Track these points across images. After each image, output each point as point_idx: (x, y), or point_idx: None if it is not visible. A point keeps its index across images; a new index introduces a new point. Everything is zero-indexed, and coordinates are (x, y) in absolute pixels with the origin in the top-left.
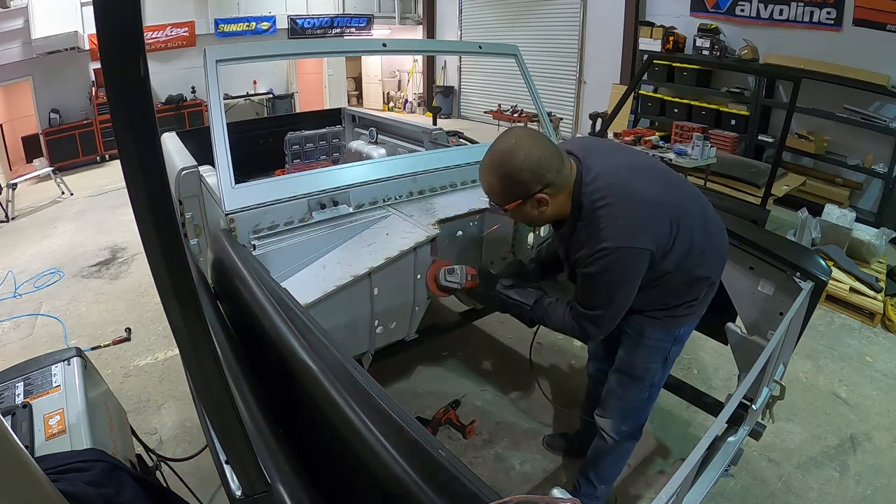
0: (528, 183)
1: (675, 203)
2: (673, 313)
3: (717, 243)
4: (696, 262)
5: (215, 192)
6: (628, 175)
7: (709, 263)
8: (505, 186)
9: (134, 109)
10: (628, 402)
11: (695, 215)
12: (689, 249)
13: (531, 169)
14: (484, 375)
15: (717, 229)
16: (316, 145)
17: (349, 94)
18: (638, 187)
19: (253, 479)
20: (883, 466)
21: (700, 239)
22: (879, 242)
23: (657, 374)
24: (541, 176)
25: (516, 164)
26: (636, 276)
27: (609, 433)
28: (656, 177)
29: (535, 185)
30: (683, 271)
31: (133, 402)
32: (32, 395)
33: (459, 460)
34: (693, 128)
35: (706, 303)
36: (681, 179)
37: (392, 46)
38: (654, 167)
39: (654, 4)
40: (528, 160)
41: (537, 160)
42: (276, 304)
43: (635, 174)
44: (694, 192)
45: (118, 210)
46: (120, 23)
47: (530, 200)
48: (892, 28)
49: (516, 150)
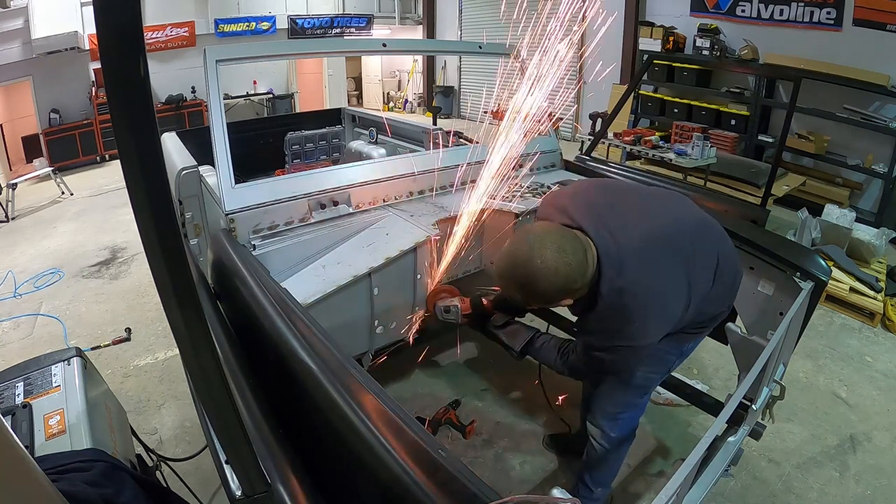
0: (553, 298)
1: (691, 279)
2: (683, 332)
3: (730, 282)
4: (707, 305)
5: (215, 192)
6: (650, 262)
7: (719, 301)
8: (529, 298)
9: (134, 109)
10: (622, 408)
11: (708, 270)
12: (699, 304)
13: (558, 289)
14: (484, 375)
15: (730, 268)
16: (316, 145)
17: (349, 94)
18: (659, 282)
19: (253, 479)
20: (883, 466)
21: (712, 289)
22: (879, 242)
23: (655, 383)
24: (568, 291)
25: (542, 286)
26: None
27: (599, 441)
28: (674, 246)
29: (560, 298)
30: (693, 315)
31: (133, 402)
32: (32, 395)
33: (459, 460)
34: (693, 128)
35: (717, 322)
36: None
37: (392, 46)
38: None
39: (654, 4)
40: (555, 283)
41: (564, 281)
42: (276, 304)
43: (654, 255)
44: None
45: (118, 210)
46: (120, 23)
47: (565, 298)
48: (892, 28)
49: (541, 270)
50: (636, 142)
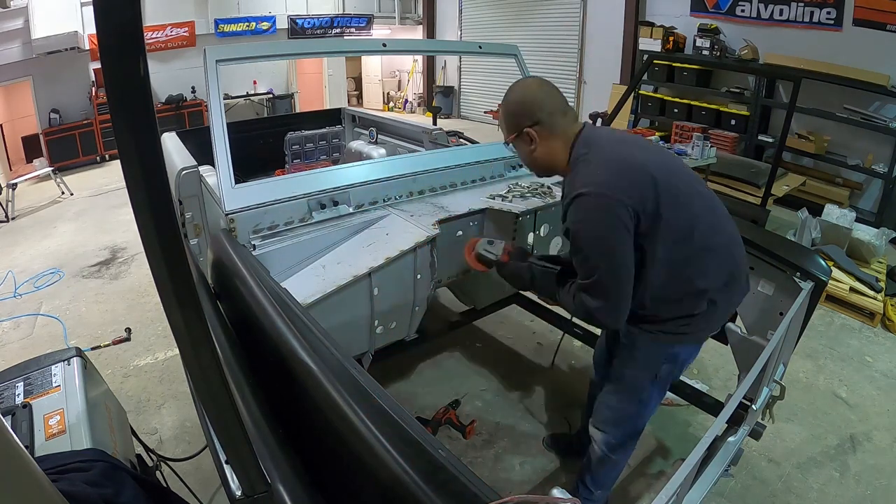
0: (519, 116)
1: (666, 179)
2: (665, 328)
3: (724, 257)
4: (694, 264)
5: (215, 192)
6: (620, 143)
7: (711, 275)
8: (504, 117)
9: (134, 109)
10: (617, 413)
11: (695, 205)
12: (683, 237)
13: (524, 103)
14: (484, 375)
15: (727, 242)
16: (316, 145)
17: (349, 94)
18: (625, 151)
19: (253, 479)
20: (883, 466)
21: (700, 235)
22: (879, 242)
23: (646, 390)
24: (531, 112)
25: (512, 97)
26: (619, 231)
27: (599, 445)
28: (659, 157)
29: (525, 120)
30: (677, 268)
31: (133, 402)
32: (32, 395)
33: (459, 460)
34: (693, 128)
35: (708, 325)
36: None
37: (392, 46)
38: (663, 154)
39: (654, 4)
40: (523, 95)
41: (532, 97)
42: (276, 304)
43: (630, 145)
44: (708, 196)
45: (118, 210)
46: (120, 23)
47: (522, 135)
48: (892, 28)
49: (519, 86)
50: None
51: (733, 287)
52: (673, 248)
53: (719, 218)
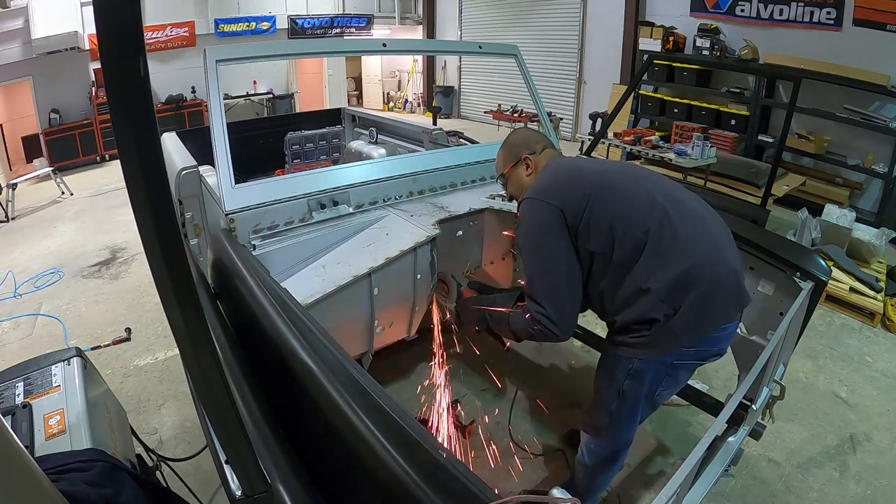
0: (517, 148)
1: (605, 180)
2: (627, 339)
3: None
4: (638, 263)
5: (215, 192)
6: (571, 161)
7: (656, 272)
8: (504, 154)
9: (134, 109)
10: (594, 420)
11: (636, 200)
12: (618, 233)
13: (519, 141)
14: (484, 375)
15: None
16: (316, 145)
17: (349, 94)
18: (564, 164)
19: (253, 479)
20: (883, 466)
21: (644, 237)
22: (879, 242)
23: (612, 403)
24: (529, 144)
25: (511, 139)
26: (549, 233)
27: (582, 449)
28: (607, 168)
29: (523, 150)
30: (621, 266)
31: (133, 402)
32: (32, 395)
33: (459, 460)
34: (693, 128)
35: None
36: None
37: (392, 46)
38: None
39: (654, 4)
40: (519, 137)
41: (525, 138)
42: (276, 304)
43: (579, 162)
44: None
45: (118, 210)
46: (120, 23)
47: (520, 163)
48: (892, 28)
49: (514, 133)
50: (636, 142)
51: (695, 290)
52: (606, 241)
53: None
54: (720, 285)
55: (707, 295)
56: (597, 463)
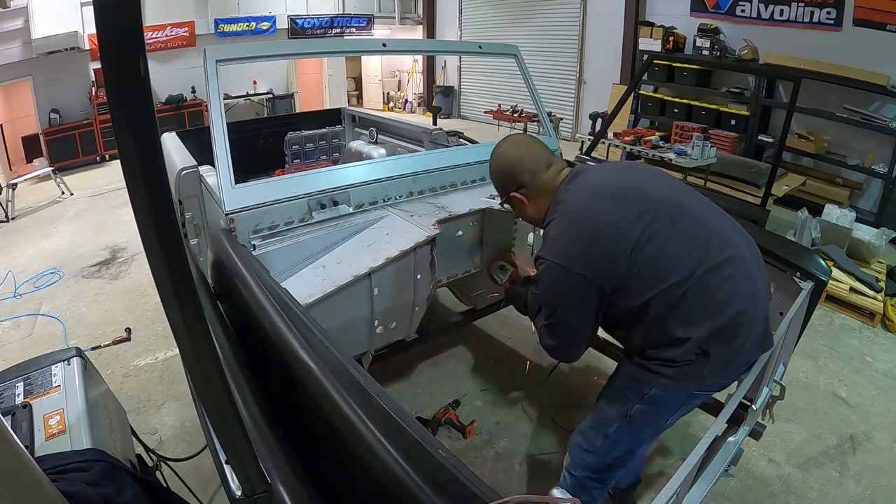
0: (505, 181)
1: (638, 236)
2: (649, 364)
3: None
4: (675, 313)
5: (215, 192)
6: (597, 195)
7: (696, 323)
8: (493, 181)
9: (134, 109)
10: (585, 440)
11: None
12: (660, 287)
13: (505, 170)
14: (484, 375)
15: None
16: (316, 145)
17: (349, 94)
18: (592, 207)
19: (253, 479)
20: (883, 466)
21: (683, 289)
22: (879, 242)
23: (613, 425)
24: (514, 177)
25: (494, 165)
26: (573, 296)
27: (564, 468)
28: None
29: (510, 186)
30: (650, 316)
31: (133, 402)
32: (32, 395)
33: (459, 460)
34: (693, 128)
35: (697, 378)
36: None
37: (392, 46)
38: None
39: (654, 4)
40: (501, 163)
41: (509, 164)
42: (276, 304)
43: (605, 195)
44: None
45: (118, 210)
46: (120, 23)
47: (511, 199)
48: (892, 28)
49: (497, 154)
50: (636, 142)
51: (731, 339)
52: (652, 300)
53: (727, 260)
54: (752, 332)
55: (740, 344)
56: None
